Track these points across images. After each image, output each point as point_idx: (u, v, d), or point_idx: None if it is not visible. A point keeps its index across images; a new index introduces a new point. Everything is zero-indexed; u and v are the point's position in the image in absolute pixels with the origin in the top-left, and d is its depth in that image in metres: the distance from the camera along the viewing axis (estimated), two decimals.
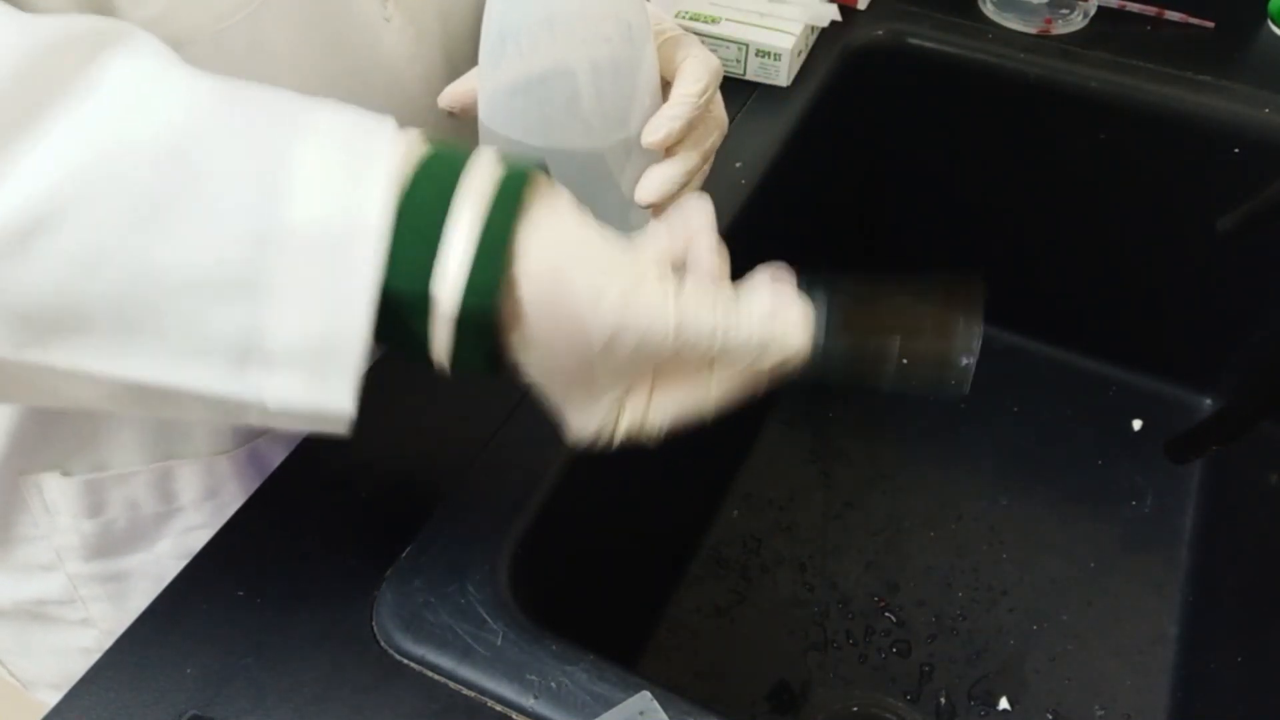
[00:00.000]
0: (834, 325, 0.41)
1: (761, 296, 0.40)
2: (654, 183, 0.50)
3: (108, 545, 0.59)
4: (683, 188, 0.51)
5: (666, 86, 0.52)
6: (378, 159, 0.35)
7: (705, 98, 0.50)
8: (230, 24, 0.45)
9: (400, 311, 0.35)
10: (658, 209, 0.50)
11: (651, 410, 0.41)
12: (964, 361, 0.39)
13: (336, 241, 0.35)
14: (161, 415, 0.38)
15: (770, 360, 0.40)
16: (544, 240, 0.36)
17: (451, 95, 0.53)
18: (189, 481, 0.59)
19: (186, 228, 0.34)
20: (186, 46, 0.43)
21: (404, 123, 0.56)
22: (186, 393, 0.36)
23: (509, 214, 0.36)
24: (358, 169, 0.35)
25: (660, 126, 0.49)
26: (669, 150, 0.50)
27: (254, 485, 0.53)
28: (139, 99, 0.35)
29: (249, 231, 0.34)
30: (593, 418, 0.40)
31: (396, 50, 0.54)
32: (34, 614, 0.63)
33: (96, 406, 0.38)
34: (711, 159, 0.53)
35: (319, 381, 0.36)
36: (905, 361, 0.41)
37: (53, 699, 0.54)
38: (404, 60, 0.54)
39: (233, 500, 0.58)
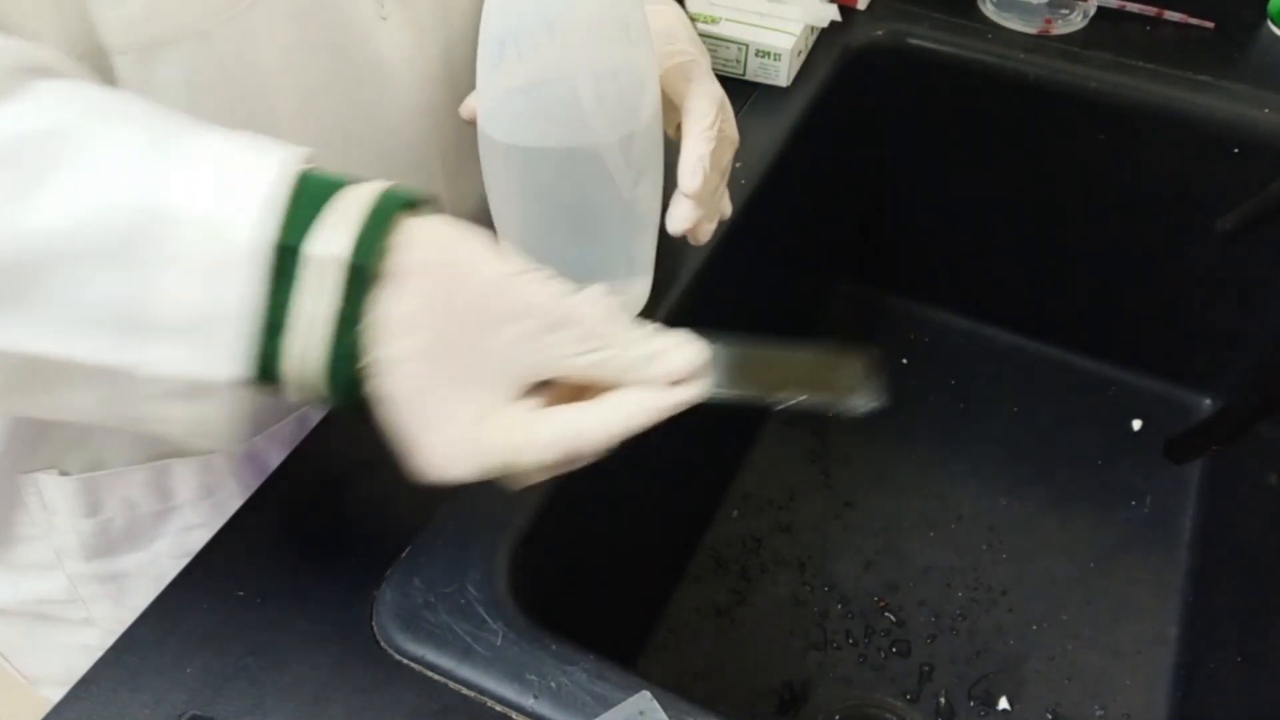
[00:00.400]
0: (728, 363, 0.43)
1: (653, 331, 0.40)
2: (683, 212, 0.52)
3: (106, 545, 0.59)
4: (709, 208, 0.53)
5: (673, 109, 0.53)
6: (272, 153, 0.37)
7: (716, 129, 0.52)
8: (216, 23, 0.44)
9: (280, 280, 0.35)
10: (693, 233, 0.52)
11: (536, 428, 0.37)
12: (857, 399, 0.40)
13: (221, 211, 0.35)
14: (59, 408, 0.38)
15: (656, 373, 0.39)
16: (433, 224, 0.37)
17: (469, 107, 0.54)
18: (185, 480, 0.59)
19: (71, 198, 0.35)
20: (171, 46, 0.43)
21: (399, 123, 0.56)
22: (75, 365, 0.36)
23: (398, 196, 0.37)
24: (249, 159, 0.36)
25: (695, 172, 0.51)
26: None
27: (252, 484, 0.53)
28: (38, 99, 0.36)
29: (132, 201, 0.35)
30: (462, 432, 0.37)
31: (393, 50, 0.54)
32: (37, 613, 0.63)
33: None
34: (728, 173, 0.55)
35: (202, 349, 0.36)
36: (794, 394, 0.43)
37: (58, 695, 0.54)
38: (401, 60, 0.54)
39: (230, 499, 0.58)
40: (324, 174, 0.37)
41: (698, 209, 0.52)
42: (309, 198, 0.36)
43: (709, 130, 0.51)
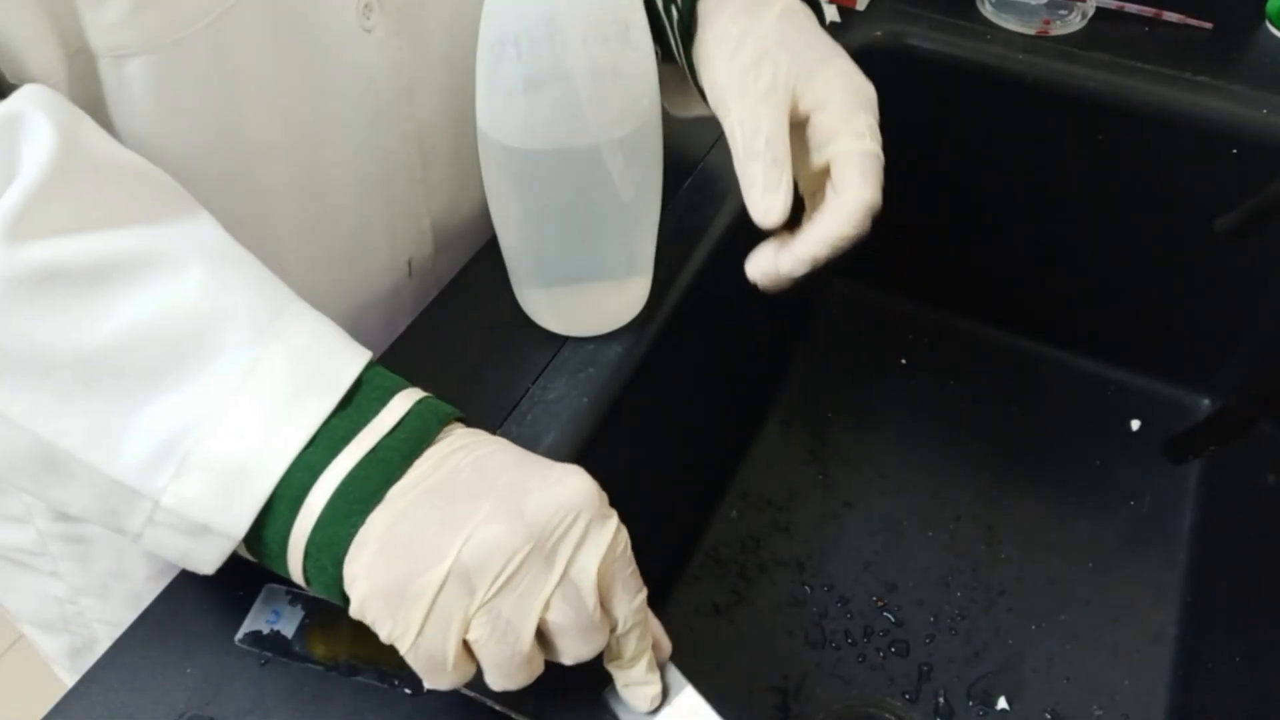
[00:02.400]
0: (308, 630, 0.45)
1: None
2: (773, 267, 0.52)
3: None
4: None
5: (801, 151, 0.50)
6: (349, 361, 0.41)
7: (849, 241, 0.50)
8: (191, 32, 0.44)
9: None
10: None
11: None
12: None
13: (301, 380, 0.39)
14: (61, 501, 0.40)
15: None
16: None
17: None
18: None
19: (140, 310, 0.39)
20: (146, 55, 0.43)
21: (380, 134, 0.56)
22: (91, 467, 0.38)
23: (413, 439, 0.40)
24: (329, 360, 0.41)
25: (797, 267, 0.51)
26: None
27: None
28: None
29: (232, 343, 0.39)
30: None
31: (376, 62, 0.53)
32: (12, 559, 0.64)
33: None
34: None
35: (224, 497, 0.38)
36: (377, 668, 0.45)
37: (34, 635, 0.54)
38: (384, 73, 0.54)
39: None
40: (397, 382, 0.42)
41: (790, 268, 0.51)
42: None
43: (840, 239, 0.49)
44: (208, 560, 0.40)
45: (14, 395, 0.37)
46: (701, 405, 0.77)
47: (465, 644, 0.38)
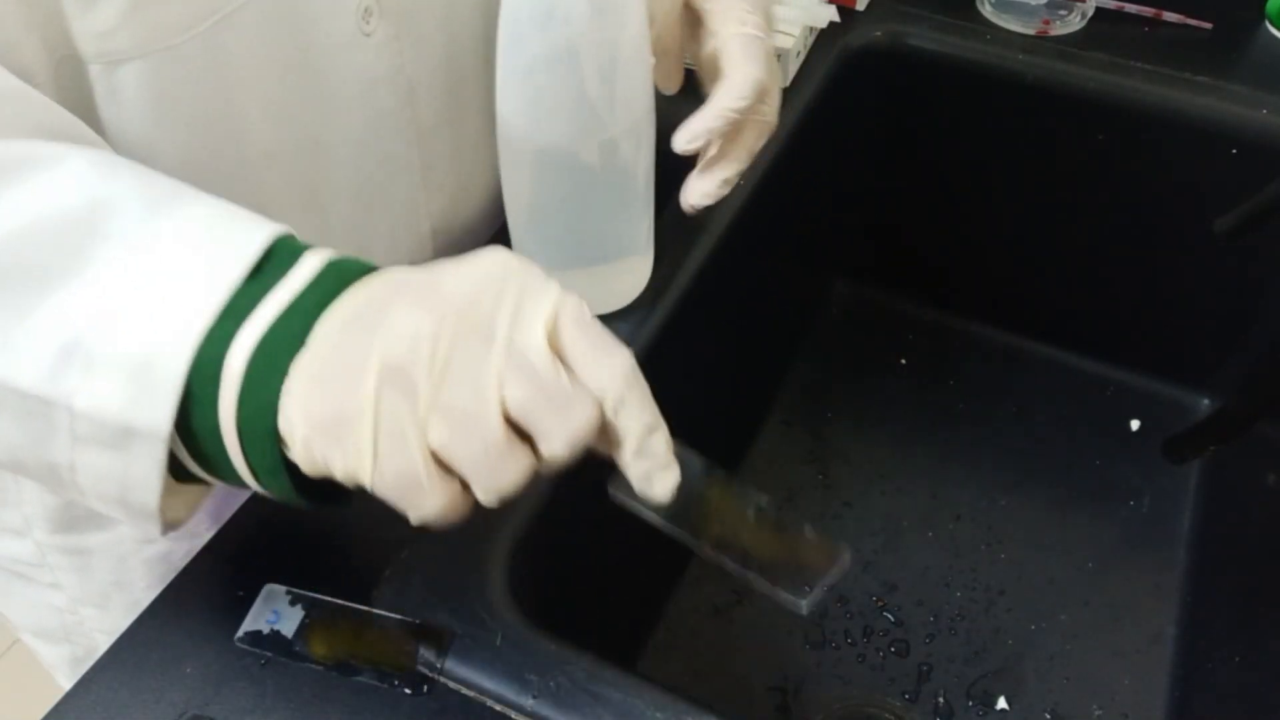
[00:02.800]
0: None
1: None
2: (696, 193, 0.54)
3: (71, 521, 0.60)
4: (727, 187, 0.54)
5: (715, 71, 0.54)
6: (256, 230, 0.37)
7: (739, 112, 0.52)
8: (186, 38, 0.44)
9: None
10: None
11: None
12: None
13: (199, 258, 0.36)
14: None
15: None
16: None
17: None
18: None
19: (26, 204, 0.36)
20: (138, 61, 0.43)
21: (379, 137, 0.56)
22: (7, 391, 0.35)
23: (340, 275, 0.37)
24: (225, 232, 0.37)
25: (693, 138, 0.52)
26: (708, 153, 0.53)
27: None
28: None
29: (117, 231, 0.35)
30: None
31: (375, 66, 0.53)
32: (11, 570, 0.64)
33: None
34: (752, 155, 0.55)
35: (138, 389, 0.35)
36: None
37: (35, 644, 0.54)
38: (384, 76, 0.54)
39: None
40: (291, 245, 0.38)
41: (710, 195, 0.53)
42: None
43: (729, 113, 0.52)
44: (148, 480, 0.36)
45: None
46: (701, 405, 0.77)
47: (436, 460, 0.34)
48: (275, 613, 0.46)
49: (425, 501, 0.35)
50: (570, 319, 0.35)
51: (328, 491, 0.38)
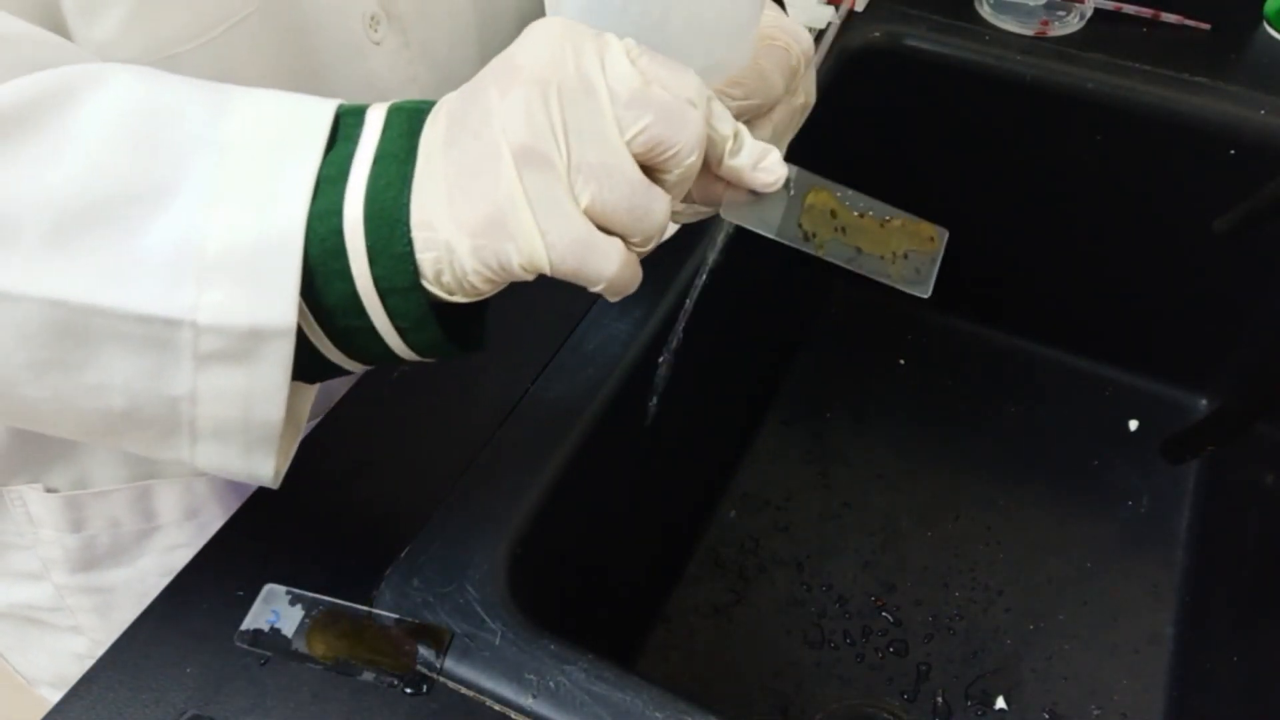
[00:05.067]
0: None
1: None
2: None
3: (91, 559, 0.59)
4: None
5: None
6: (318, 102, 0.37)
7: (734, 99, 0.49)
8: (189, 48, 0.43)
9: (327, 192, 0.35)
10: None
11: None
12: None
13: (276, 145, 0.35)
14: (90, 390, 0.36)
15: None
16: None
17: None
18: (168, 501, 0.59)
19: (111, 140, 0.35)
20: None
21: None
22: (114, 314, 0.34)
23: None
24: (295, 104, 0.37)
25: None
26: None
27: (234, 507, 0.53)
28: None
29: (191, 138, 0.35)
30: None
31: (385, 75, 0.53)
32: (27, 618, 0.63)
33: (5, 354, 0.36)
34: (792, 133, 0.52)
35: (258, 287, 0.35)
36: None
37: (53, 696, 0.53)
38: (394, 85, 0.53)
39: (214, 521, 0.57)
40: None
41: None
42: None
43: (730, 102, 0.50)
44: (274, 387, 0.36)
45: (3, 267, 0.34)
46: (701, 405, 0.77)
47: (593, 219, 0.35)
48: (275, 612, 0.46)
49: (603, 262, 0.35)
50: (639, 52, 0.36)
51: (466, 334, 0.38)
